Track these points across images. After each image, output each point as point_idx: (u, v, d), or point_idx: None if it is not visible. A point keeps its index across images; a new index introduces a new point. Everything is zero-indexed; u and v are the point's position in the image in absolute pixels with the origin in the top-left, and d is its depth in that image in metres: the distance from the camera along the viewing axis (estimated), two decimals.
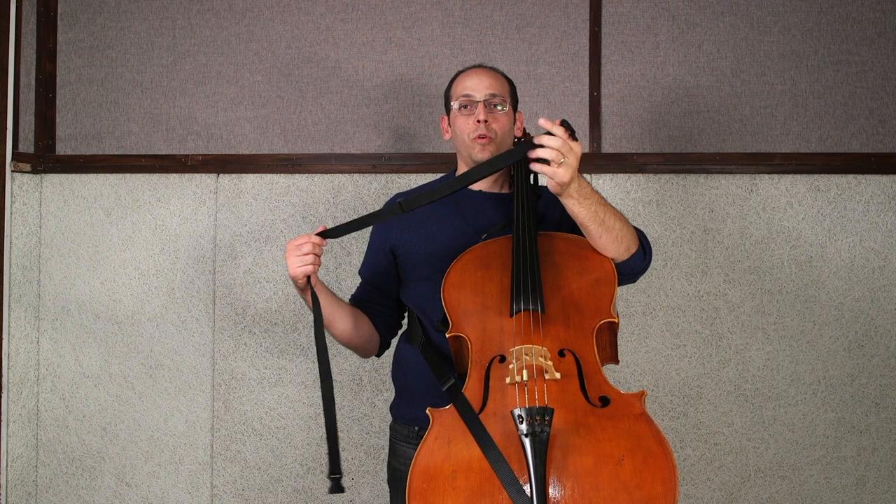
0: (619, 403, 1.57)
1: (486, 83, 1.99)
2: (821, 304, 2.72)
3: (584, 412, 1.55)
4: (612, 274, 1.77)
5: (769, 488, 2.71)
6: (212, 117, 2.91)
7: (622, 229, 1.78)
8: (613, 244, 1.77)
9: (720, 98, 2.77)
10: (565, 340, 1.66)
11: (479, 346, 1.70)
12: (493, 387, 1.62)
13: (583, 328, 1.69)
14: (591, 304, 1.72)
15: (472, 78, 2.01)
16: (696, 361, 2.74)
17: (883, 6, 2.74)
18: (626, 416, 1.55)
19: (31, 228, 2.93)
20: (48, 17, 2.94)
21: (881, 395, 2.70)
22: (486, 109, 1.96)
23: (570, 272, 1.77)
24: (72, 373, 2.94)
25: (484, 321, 1.73)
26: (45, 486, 2.95)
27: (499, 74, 2.05)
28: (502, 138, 1.98)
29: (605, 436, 1.51)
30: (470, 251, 1.86)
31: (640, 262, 1.85)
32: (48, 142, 2.94)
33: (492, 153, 1.95)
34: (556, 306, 1.71)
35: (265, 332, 2.86)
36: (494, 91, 1.98)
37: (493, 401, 1.60)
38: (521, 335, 1.65)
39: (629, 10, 2.80)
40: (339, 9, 2.88)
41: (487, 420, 1.57)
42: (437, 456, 1.55)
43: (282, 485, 2.85)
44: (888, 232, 2.71)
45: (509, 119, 2.00)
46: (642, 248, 1.85)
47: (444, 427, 1.59)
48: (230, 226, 2.88)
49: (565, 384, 1.59)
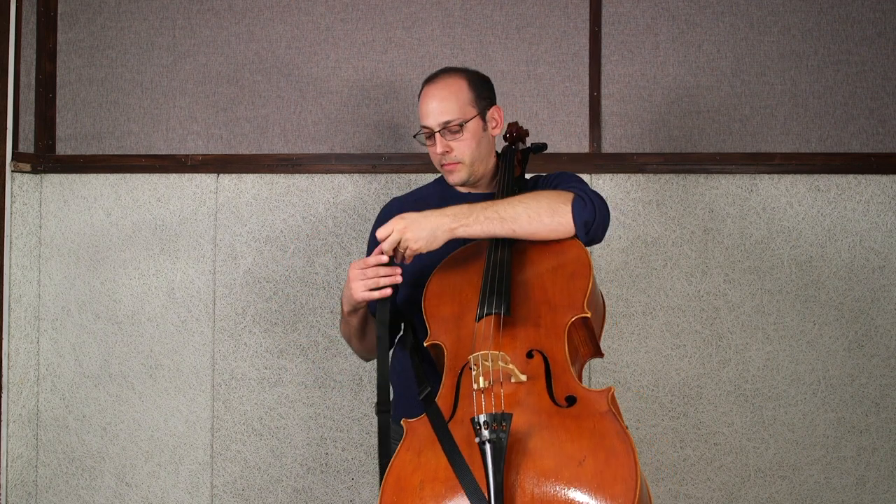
0: (584, 402, 1.55)
1: (438, 109, 1.92)
2: (821, 304, 2.71)
3: (548, 413, 1.54)
4: (586, 265, 1.74)
5: (769, 488, 2.71)
6: (212, 117, 2.91)
7: (529, 208, 1.76)
8: (535, 224, 1.76)
9: (720, 98, 2.77)
10: (535, 341, 1.65)
11: (452, 354, 1.70)
12: (463, 394, 1.62)
13: (554, 326, 1.67)
14: (563, 301, 1.70)
15: (425, 104, 1.95)
16: (696, 361, 2.74)
17: (883, 6, 2.74)
18: (591, 414, 1.52)
19: (31, 228, 2.93)
20: (48, 17, 2.94)
21: (881, 395, 2.70)
22: (442, 139, 1.92)
23: (544, 268, 1.77)
24: (72, 373, 2.94)
25: (458, 328, 1.73)
26: (45, 486, 2.95)
27: (452, 85, 1.95)
28: (472, 158, 1.95)
29: (567, 436, 1.49)
30: (450, 256, 1.86)
31: (585, 215, 1.78)
32: (48, 142, 2.94)
33: (461, 175, 1.96)
34: (528, 307, 1.70)
35: (265, 332, 2.86)
36: (447, 117, 1.92)
37: (461, 408, 1.60)
38: (485, 340, 1.64)
39: (629, 10, 2.80)
40: (339, 9, 2.88)
41: (455, 428, 1.57)
42: (407, 467, 1.55)
43: (282, 485, 2.85)
44: (888, 232, 2.71)
45: (472, 135, 1.94)
46: (579, 199, 1.78)
47: (416, 438, 1.59)
48: (230, 226, 2.88)
49: (531, 386, 1.58)
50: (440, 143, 1.93)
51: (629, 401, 2.73)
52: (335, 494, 2.82)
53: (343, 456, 2.83)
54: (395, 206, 2.10)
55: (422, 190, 2.15)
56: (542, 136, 2.74)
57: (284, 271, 2.85)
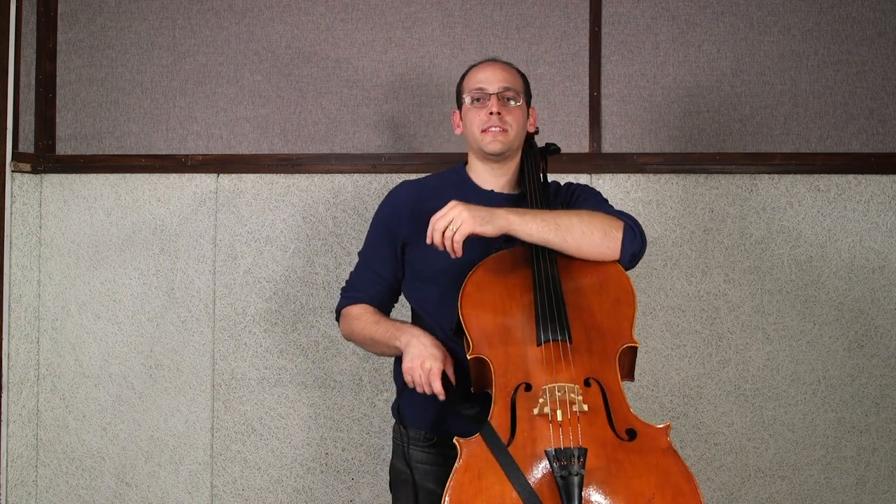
0: (645, 437, 1.57)
1: (500, 76, 1.97)
2: (821, 304, 2.72)
3: (613, 447, 1.55)
4: (630, 292, 1.75)
5: (769, 488, 2.71)
6: (212, 117, 2.91)
7: (583, 223, 1.77)
8: (586, 241, 1.76)
9: (720, 98, 2.77)
10: (590, 369, 1.65)
11: (502, 371, 1.67)
12: (521, 417, 1.60)
13: (606, 354, 1.67)
14: (612, 328, 1.70)
15: (486, 71, 1.99)
16: (696, 361, 2.74)
17: (883, 6, 2.74)
18: (653, 449, 1.55)
19: (31, 228, 2.93)
20: (48, 17, 2.94)
21: (881, 395, 2.70)
22: (499, 102, 1.94)
23: (589, 290, 1.75)
24: (72, 373, 2.94)
25: (506, 344, 1.70)
26: (45, 486, 2.95)
27: (512, 69, 2.03)
28: (516, 132, 1.96)
29: (634, 472, 1.51)
30: (485, 263, 1.82)
31: (634, 247, 1.82)
32: (48, 142, 2.94)
33: (503, 144, 1.94)
34: (579, 331, 1.69)
35: (265, 332, 2.86)
36: (508, 84, 1.97)
37: (521, 432, 1.58)
38: (551, 368, 1.63)
39: (629, 10, 2.80)
40: (339, 9, 2.88)
41: (517, 453, 1.55)
42: (468, 490, 1.53)
43: (282, 485, 2.85)
44: (888, 232, 2.71)
45: (523, 113, 1.99)
46: (630, 229, 1.82)
47: (474, 458, 1.57)
48: (230, 226, 2.88)
49: (593, 417, 1.58)
50: (496, 103, 1.93)
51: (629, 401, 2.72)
52: (335, 494, 2.82)
53: (343, 456, 2.83)
54: (406, 188, 2.06)
55: (437, 177, 2.10)
56: (543, 136, 2.73)
57: (284, 271, 2.85)
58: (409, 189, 2.05)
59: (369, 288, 2.04)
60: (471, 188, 2.00)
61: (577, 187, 2.05)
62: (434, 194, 1.98)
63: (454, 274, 1.83)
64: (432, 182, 2.07)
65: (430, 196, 1.98)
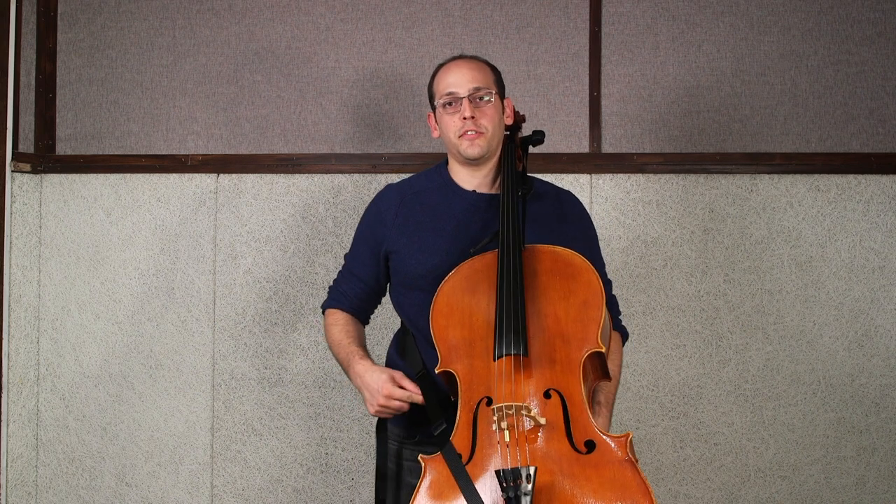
0: (603, 448, 1.57)
1: (468, 76, 1.92)
2: (821, 304, 2.71)
3: (569, 461, 1.55)
4: (599, 295, 1.72)
5: (769, 488, 2.71)
6: (212, 117, 2.91)
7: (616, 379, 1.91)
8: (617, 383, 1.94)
9: (720, 98, 2.77)
10: (550, 380, 1.65)
11: (467, 385, 1.69)
12: (482, 431, 1.62)
13: (569, 362, 1.66)
14: (577, 333, 1.69)
15: (454, 73, 1.94)
16: (696, 361, 2.74)
17: (883, 6, 2.74)
18: (610, 462, 1.54)
19: (31, 228, 2.93)
20: (48, 17, 2.94)
21: (881, 395, 2.70)
22: (471, 105, 1.90)
23: (556, 295, 1.74)
24: (72, 373, 2.94)
25: (471, 357, 1.71)
26: (45, 486, 2.95)
27: (481, 63, 1.98)
28: (493, 132, 1.93)
29: (590, 487, 1.52)
30: (457, 271, 1.81)
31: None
32: (48, 142, 2.94)
33: (481, 148, 1.91)
34: (541, 341, 1.69)
35: (265, 332, 2.86)
36: (478, 84, 1.92)
37: (480, 448, 1.61)
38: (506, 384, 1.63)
39: (629, 10, 2.80)
40: (339, 9, 2.88)
41: (475, 472, 1.58)
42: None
43: (282, 485, 2.85)
44: (888, 232, 2.71)
45: (497, 109, 1.94)
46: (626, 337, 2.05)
47: (435, 477, 1.61)
48: (230, 226, 2.88)
49: (550, 431, 1.59)
50: (468, 107, 1.90)
51: (629, 401, 2.73)
52: (335, 494, 2.82)
53: (343, 456, 2.83)
54: (390, 193, 2.03)
55: (420, 179, 2.06)
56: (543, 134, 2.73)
57: (284, 271, 2.85)
58: (392, 194, 2.03)
59: (349, 290, 2.04)
60: (453, 190, 1.98)
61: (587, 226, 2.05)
62: (418, 198, 1.98)
63: (434, 279, 1.83)
64: (416, 184, 2.04)
65: (413, 200, 1.98)
